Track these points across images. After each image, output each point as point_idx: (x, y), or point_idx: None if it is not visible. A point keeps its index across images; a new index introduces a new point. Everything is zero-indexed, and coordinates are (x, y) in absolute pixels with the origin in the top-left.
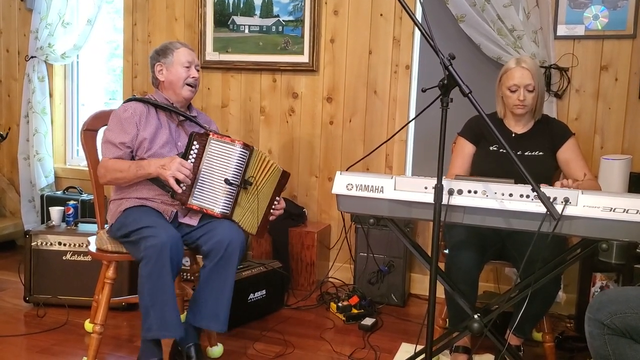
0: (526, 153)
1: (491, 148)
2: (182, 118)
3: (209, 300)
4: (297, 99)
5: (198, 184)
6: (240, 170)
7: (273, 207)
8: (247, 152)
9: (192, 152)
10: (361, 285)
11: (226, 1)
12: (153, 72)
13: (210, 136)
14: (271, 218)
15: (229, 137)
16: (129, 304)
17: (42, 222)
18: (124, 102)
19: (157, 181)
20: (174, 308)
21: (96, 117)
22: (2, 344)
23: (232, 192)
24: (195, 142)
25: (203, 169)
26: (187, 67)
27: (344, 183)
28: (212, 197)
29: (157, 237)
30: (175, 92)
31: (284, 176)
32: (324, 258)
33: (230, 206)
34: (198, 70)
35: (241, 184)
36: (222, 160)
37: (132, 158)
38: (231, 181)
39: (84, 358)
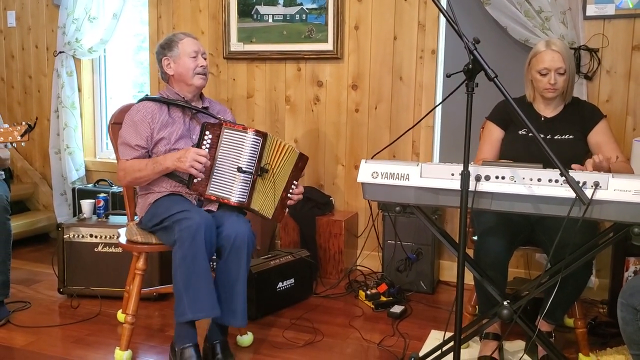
0: (556, 137)
1: (520, 132)
2: (195, 111)
3: (224, 297)
4: (322, 88)
5: (214, 174)
6: (254, 157)
7: (290, 191)
8: (259, 139)
9: (205, 142)
10: (389, 273)
11: None
12: (161, 67)
13: (224, 125)
14: (289, 203)
15: (242, 125)
16: (160, 294)
17: (74, 215)
18: (136, 102)
19: (174, 175)
20: (208, 289)
21: (123, 111)
22: (39, 334)
23: (248, 180)
24: (207, 132)
25: (218, 159)
26: (194, 57)
27: (369, 171)
28: (228, 187)
29: (191, 219)
30: (186, 83)
31: (301, 159)
32: (352, 246)
33: (246, 195)
34: (205, 59)
35: (257, 172)
36: (235, 149)
37: (149, 157)
38: (244, 169)
39: (116, 348)
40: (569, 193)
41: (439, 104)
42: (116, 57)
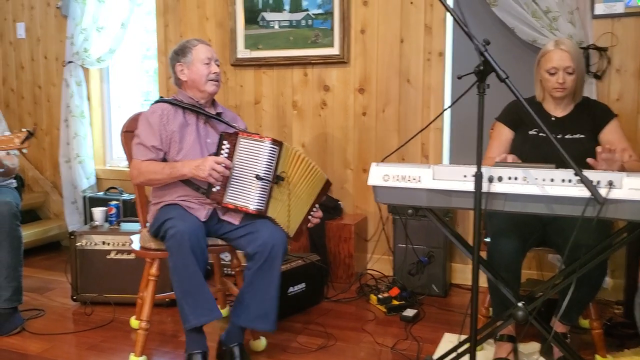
0: (567, 136)
1: (530, 132)
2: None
3: (255, 301)
4: (328, 92)
5: (231, 182)
6: (271, 166)
7: (311, 214)
8: (276, 147)
9: (223, 152)
10: (401, 276)
11: None
12: (174, 73)
13: (239, 135)
14: (309, 225)
15: (257, 134)
16: (173, 300)
17: (85, 223)
18: (151, 104)
19: (190, 183)
20: (205, 294)
21: (135, 119)
22: (53, 341)
23: (265, 188)
24: (225, 142)
25: (235, 168)
26: (207, 64)
27: (380, 174)
28: (246, 195)
29: (174, 228)
30: (199, 89)
31: (327, 184)
32: (362, 250)
33: (264, 202)
34: (218, 65)
35: (273, 180)
36: (252, 158)
37: (164, 159)
38: (262, 176)
39: (131, 354)
40: (583, 193)
41: (449, 107)
42: (123, 66)
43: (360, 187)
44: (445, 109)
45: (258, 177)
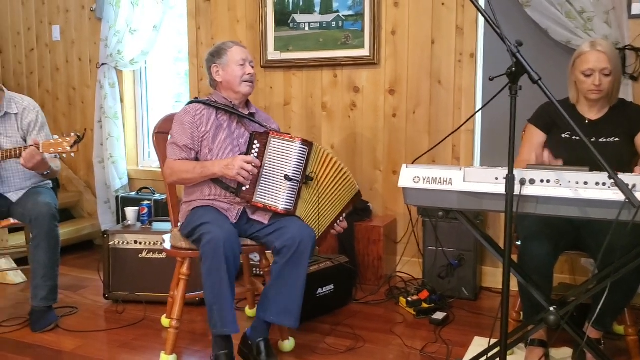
0: (601, 139)
1: (563, 135)
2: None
3: (280, 296)
4: (358, 93)
5: (261, 181)
6: (300, 166)
7: (337, 222)
8: (306, 147)
9: (253, 151)
10: (430, 279)
11: (286, 0)
12: (210, 74)
13: (270, 134)
14: (332, 232)
15: (288, 134)
16: (203, 299)
17: (118, 222)
18: (186, 105)
19: (220, 182)
20: (230, 304)
21: (167, 120)
22: (86, 339)
23: (294, 188)
24: (255, 141)
25: (265, 167)
26: (242, 65)
27: (410, 176)
28: (275, 194)
29: (211, 234)
30: (233, 90)
31: (358, 195)
32: (391, 252)
33: (292, 202)
34: (252, 67)
35: (302, 180)
36: (282, 158)
37: (196, 158)
38: (291, 177)
39: (161, 352)
40: (617, 196)
41: (481, 108)
42: (155, 68)
43: (389, 189)
44: (477, 111)
45: (287, 177)
